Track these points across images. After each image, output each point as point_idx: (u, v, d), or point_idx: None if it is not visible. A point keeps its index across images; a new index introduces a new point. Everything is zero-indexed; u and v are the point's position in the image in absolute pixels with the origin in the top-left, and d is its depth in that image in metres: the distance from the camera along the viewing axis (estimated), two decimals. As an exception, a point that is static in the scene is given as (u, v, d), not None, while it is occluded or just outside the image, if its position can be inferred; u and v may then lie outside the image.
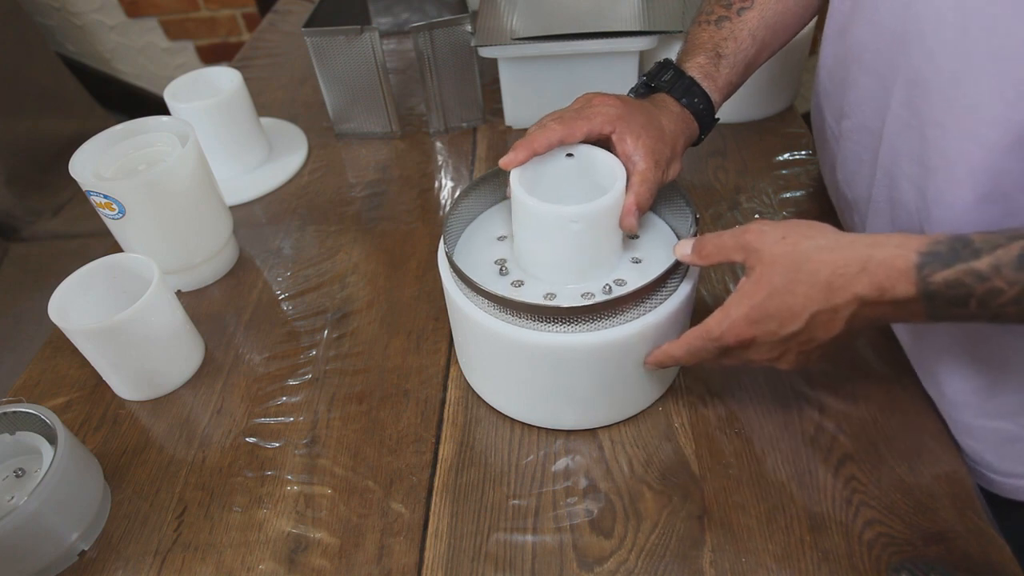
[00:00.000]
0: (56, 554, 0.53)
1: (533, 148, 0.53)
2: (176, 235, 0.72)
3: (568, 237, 0.52)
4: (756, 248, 0.46)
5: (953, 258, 0.39)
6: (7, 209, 1.51)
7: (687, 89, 0.59)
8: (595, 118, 0.54)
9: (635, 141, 0.53)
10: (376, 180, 0.91)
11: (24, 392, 0.68)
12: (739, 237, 0.47)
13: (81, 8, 1.95)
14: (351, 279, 0.77)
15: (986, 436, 0.53)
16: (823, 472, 0.55)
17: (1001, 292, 0.38)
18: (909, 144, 0.49)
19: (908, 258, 0.40)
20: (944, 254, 0.39)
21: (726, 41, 0.60)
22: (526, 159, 0.53)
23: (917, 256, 0.40)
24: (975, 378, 0.52)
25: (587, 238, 0.52)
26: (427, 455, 0.59)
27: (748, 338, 0.46)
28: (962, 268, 0.39)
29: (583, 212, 0.51)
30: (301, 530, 0.55)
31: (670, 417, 0.60)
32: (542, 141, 0.53)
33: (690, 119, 0.59)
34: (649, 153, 0.53)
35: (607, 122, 0.54)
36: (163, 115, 0.76)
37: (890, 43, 0.49)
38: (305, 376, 0.67)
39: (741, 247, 0.47)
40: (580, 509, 0.54)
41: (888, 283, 0.41)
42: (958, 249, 0.39)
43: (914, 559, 0.49)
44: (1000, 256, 0.38)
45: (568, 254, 0.54)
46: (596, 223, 0.52)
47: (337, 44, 0.89)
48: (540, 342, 0.51)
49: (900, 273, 0.40)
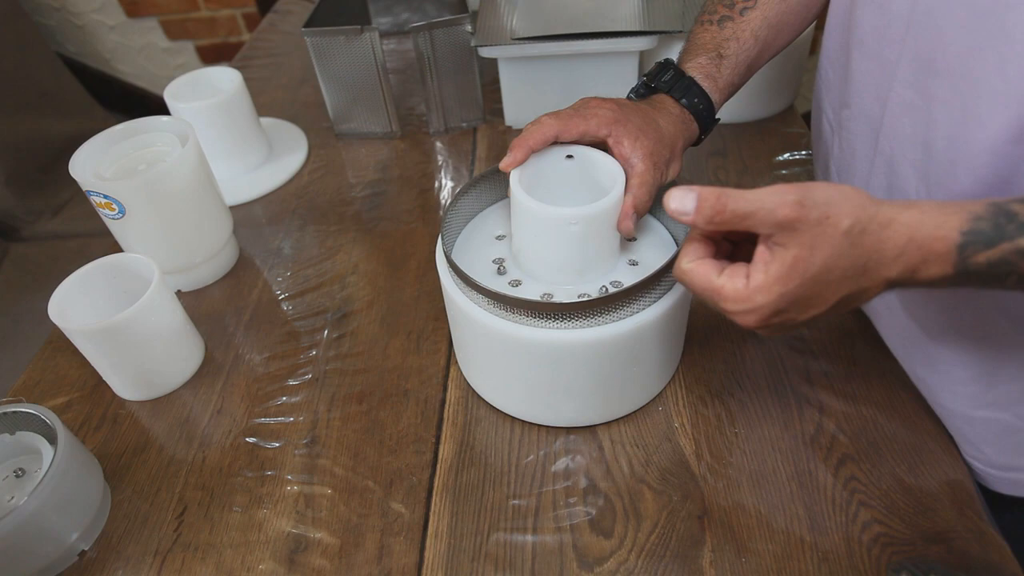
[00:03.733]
0: (56, 554, 0.53)
1: (529, 145, 0.53)
2: (176, 235, 0.72)
3: (566, 238, 0.52)
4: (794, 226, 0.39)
5: (998, 236, 0.36)
6: (7, 209, 1.51)
7: (687, 89, 0.59)
8: (591, 119, 0.54)
9: (632, 143, 0.53)
10: (376, 180, 0.91)
11: (24, 392, 0.68)
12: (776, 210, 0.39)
13: (81, 8, 1.95)
14: (351, 279, 0.77)
15: (985, 427, 0.53)
16: (823, 472, 0.55)
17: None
18: (913, 126, 0.49)
19: (949, 239, 0.37)
20: (988, 232, 0.36)
21: (728, 41, 0.60)
22: (524, 158, 0.53)
23: (959, 236, 0.37)
24: (974, 366, 0.52)
25: (585, 240, 0.52)
26: (427, 455, 0.59)
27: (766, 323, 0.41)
28: (1008, 247, 0.36)
29: (582, 214, 0.51)
30: (301, 530, 0.55)
31: (670, 417, 0.60)
32: (537, 137, 0.53)
33: (690, 119, 0.59)
34: (647, 155, 0.53)
35: (603, 125, 0.54)
36: (163, 115, 0.76)
37: (896, 24, 0.49)
38: (305, 376, 0.67)
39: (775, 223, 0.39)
40: (580, 509, 0.54)
41: (923, 265, 0.38)
42: (1002, 224, 0.36)
43: (914, 559, 0.49)
44: None
45: (566, 255, 0.54)
46: (594, 225, 0.52)
47: (337, 44, 0.89)
48: (537, 339, 0.51)
49: (938, 256, 0.37)
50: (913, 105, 0.48)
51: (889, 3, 0.49)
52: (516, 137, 0.54)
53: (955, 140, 0.45)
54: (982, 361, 0.51)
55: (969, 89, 0.43)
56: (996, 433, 0.53)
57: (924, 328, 0.55)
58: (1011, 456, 0.53)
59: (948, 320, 0.52)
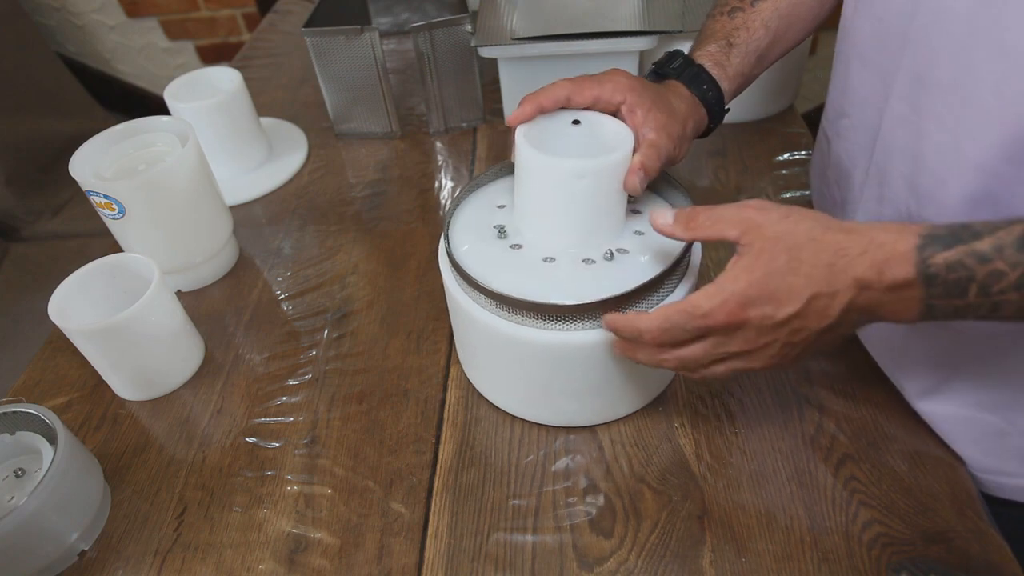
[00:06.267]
0: (56, 554, 0.53)
1: (540, 103, 0.52)
2: (176, 235, 0.72)
3: (572, 195, 0.51)
4: (758, 223, 0.43)
5: (954, 240, 0.38)
6: (7, 209, 1.51)
7: (695, 76, 0.58)
8: (606, 84, 0.53)
9: (646, 114, 0.52)
10: (376, 180, 0.91)
11: (24, 392, 0.68)
12: (740, 211, 0.44)
13: (81, 8, 1.95)
14: (351, 279, 0.77)
15: (971, 431, 0.53)
16: (823, 472, 0.55)
17: (1003, 275, 0.37)
18: (905, 139, 0.49)
19: (909, 240, 0.39)
20: (945, 237, 0.39)
21: (738, 31, 0.60)
22: (532, 114, 0.53)
23: (918, 238, 0.39)
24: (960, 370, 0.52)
25: (591, 198, 0.51)
26: (427, 455, 0.59)
27: (740, 320, 0.42)
28: (963, 249, 0.38)
29: (589, 167, 0.49)
30: (301, 530, 0.55)
31: (670, 417, 0.60)
32: (549, 97, 0.53)
33: (698, 105, 0.58)
34: (660, 127, 0.52)
35: (618, 91, 0.53)
36: (163, 115, 0.76)
37: (894, 37, 0.49)
38: (305, 376, 0.67)
39: (740, 221, 0.43)
40: (580, 509, 0.54)
41: (887, 265, 0.40)
42: (959, 232, 0.39)
43: (914, 559, 0.49)
44: (1001, 237, 0.37)
45: (570, 214, 0.52)
46: (602, 181, 0.50)
47: (337, 44, 0.89)
48: (539, 340, 0.51)
49: (900, 255, 0.39)
50: (906, 119, 0.49)
51: (887, 17, 0.49)
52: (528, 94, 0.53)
53: (945, 156, 0.45)
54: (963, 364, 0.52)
55: (962, 106, 0.43)
56: (981, 437, 0.53)
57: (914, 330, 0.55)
58: (996, 460, 0.54)
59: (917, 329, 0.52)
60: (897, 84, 0.49)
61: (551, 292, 0.50)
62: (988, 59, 0.41)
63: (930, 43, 0.45)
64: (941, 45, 0.44)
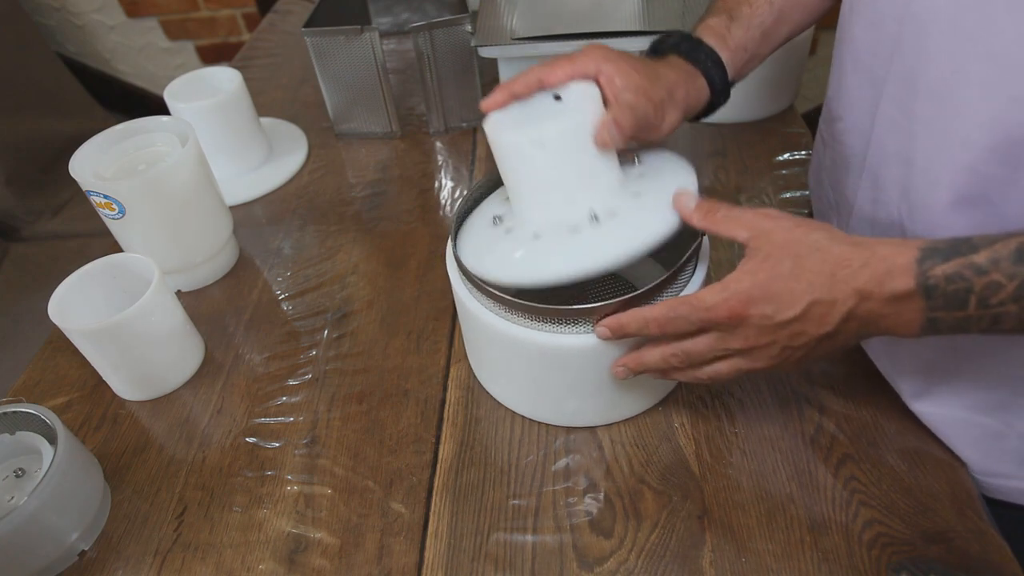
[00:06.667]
0: (56, 554, 0.53)
1: (512, 90, 0.52)
2: (176, 235, 0.72)
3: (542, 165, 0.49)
4: (768, 229, 0.45)
5: (952, 253, 0.40)
6: (7, 209, 1.51)
7: (693, 47, 0.57)
8: (580, 60, 0.52)
9: (624, 81, 0.51)
10: (376, 180, 0.91)
11: (24, 392, 0.68)
12: (755, 216, 0.46)
13: (81, 8, 1.95)
14: (351, 279, 0.77)
15: (967, 432, 0.53)
16: (823, 472, 0.55)
17: (1000, 287, 0.38)
18: (896, 144, 0.49)
19: (909, 253, 0.41)
20: (944, 250, 0.40)
21: (740, 5, 0.59)
22: (504, 100, 0.52)
23: (918, 251, 0.41)
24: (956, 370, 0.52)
25: (561, 164, 0.50)
26: (427, 455, 0.59)
27: (741, 317, 0.44)
28: (961, 261, 0.39)
29: (547, 134, 0.48)
30: (301, 530, 0.55)
31: (670, 417, 0.60)
32: (521, 83, 0.52)
33: (695, 74, 0.56)
34: (638, 88, 0.51)
35: (592, 62, 0.51)
36: (163, 115, 0.76)
37: (886, 42, 0.49)
38: (305, 376, 0.67)
39: (753, 225, 0.46)
40: (580, 509, 0.54)
41: (888, 276, 0.41)
42: (958, 245, 0.40)
43: (914, 559, 0.49)
44: (998, 250, 0.38)
45: (548, 185, 0.51)
46: (567, 144, 0.49)
47: (337, 44, 0.89)
48: (546, 343, 0.51)
49: (900, 267, 0.41)
50: (897, 122, 0.49)
51: (880, 21, 0.50)
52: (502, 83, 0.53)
53: (936, 159, 0.46)
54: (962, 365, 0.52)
55: (952, 110, 0.44)
56: (978, 439, 0.53)
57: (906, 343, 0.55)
58: (994, 462, 0.54)
59: None
60: (888, 88, 0.49)
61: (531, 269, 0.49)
62: (977, 63, 0.42)
63: (920, 47, 0.45)
64: (931, 49, 0.45)
